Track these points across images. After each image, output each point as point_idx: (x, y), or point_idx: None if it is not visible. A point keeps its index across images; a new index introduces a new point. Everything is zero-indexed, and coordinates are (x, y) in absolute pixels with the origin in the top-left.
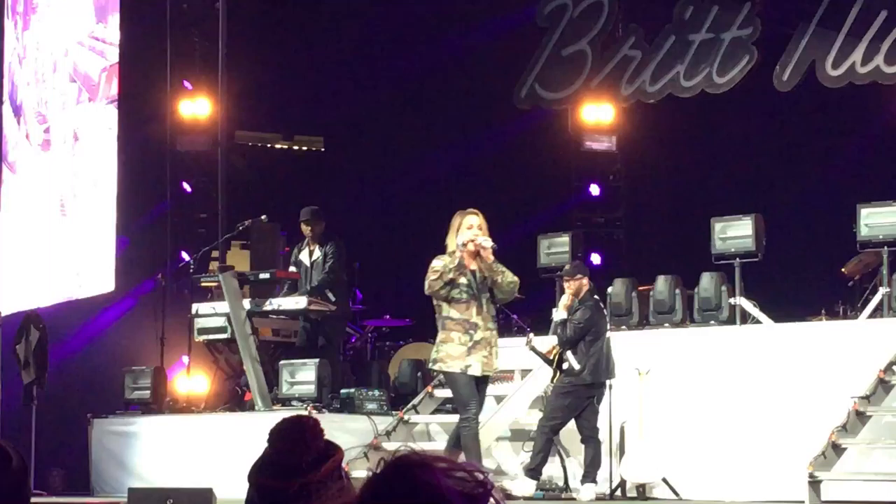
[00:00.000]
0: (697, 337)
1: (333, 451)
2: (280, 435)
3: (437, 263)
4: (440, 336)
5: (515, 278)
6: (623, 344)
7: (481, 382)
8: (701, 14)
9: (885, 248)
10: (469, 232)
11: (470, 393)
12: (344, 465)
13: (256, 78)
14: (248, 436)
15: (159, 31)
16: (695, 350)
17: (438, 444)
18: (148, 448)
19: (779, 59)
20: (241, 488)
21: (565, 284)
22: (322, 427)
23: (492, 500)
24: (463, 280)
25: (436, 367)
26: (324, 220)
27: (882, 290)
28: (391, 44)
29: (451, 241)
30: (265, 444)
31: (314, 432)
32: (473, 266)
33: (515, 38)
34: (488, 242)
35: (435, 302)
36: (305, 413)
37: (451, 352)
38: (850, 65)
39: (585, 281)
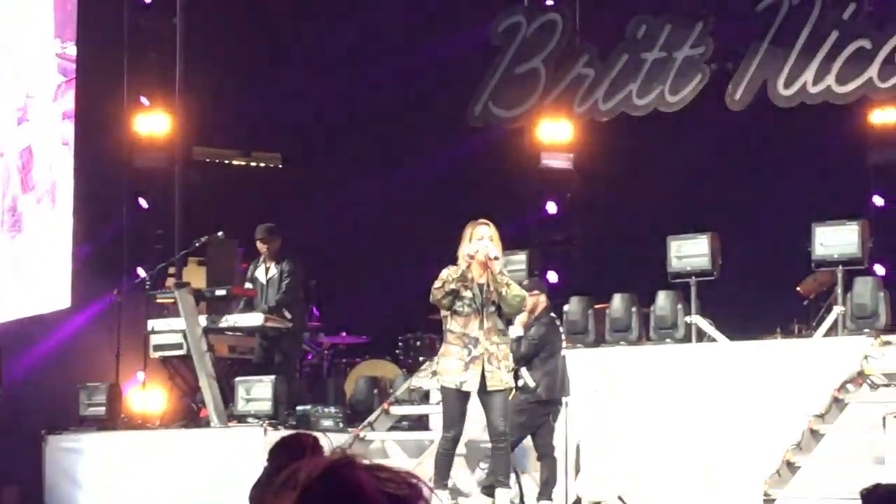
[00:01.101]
0: (653, 355)
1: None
2: (279, 452)
3: (444, 272)
4: (441, 349)
5: (522, 292)
6: (579, 362)
7: (488, 396)
8: (654, 33)
9: (840, 267)
10: (479, 243)
11: (455, 411)
12: None
13: (214, 94)
14: (203, 452)
15: (116, 47)
16: (651, 368)
17: (394, 461)
18: (102, 465)
19: (731, 79)
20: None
21: None
22: (322, 444)
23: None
24: (467, 293)
25: (434, 380)
26: (279, 237)
27: (837, 309)
28: (348, 62)
29: (461, 252)
30: (224, 459)
31: (313, 450)
32: (483, 279)
33: (472, 56)
34: (493, 252)
35: (441, 313)
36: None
37: (448, 366)
38: (802, 84)
39: (542, 298)
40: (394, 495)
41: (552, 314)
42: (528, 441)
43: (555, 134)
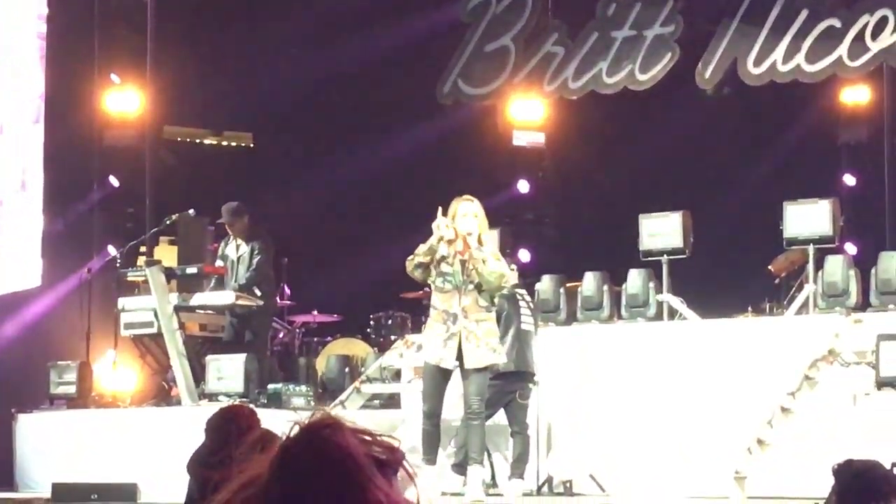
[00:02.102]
0: (625, 333)
1: (270, 440)
2: (213, 425)
3: (421, 246)
4: (426, 324)
5: (498, 268)
6: (551, 340)
7: (465, 374)
8: (624, 11)
9: (811, 245)
10: (463, 220)
11: (431, 387)
12: None
13: (185, 73)
14: (174, 431)
15: (87, 24)
16: (622, 346)
17: None
18: (73, 443)
19: (701, 57)
20: (167, 483)
21: None
22: (258, 417)
23: (402, 469)
24: (447, 269)
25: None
26: (245, 215)
27: (808, 288)
28: (320, 40)
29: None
30: (196, 438)
31: (249, 422)
32: (466, 256)
33: (442, 33)
34: (465, 228)
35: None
36: (239, 404)
37: (428, 342)
38: (772, 63)
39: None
40: (378, 459)
41: (517, 290)
42: (501, 419)
43: (526, 112)
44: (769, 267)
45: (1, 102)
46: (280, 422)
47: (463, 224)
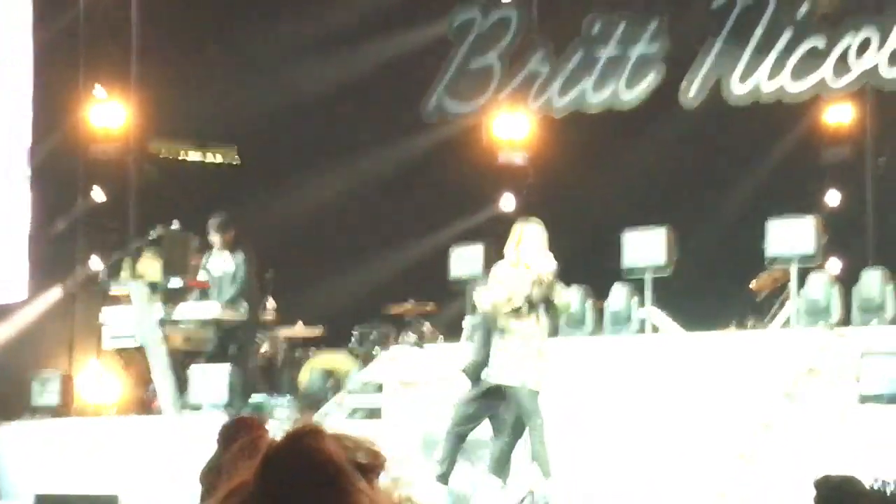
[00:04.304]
0: (608, 347)
1: (257, 447)
2: (227, 435)
3: (500, 274)
4: (498, 346)
5: (569, 301)
6: None
7: (535, 393)
8: (609, 29)
9: (794, 263)
10: (530, 244)
11: (532, 405)
12: None
13: (171, 88)
14: (156, 442)
15: (73, 38)
16: (606, 361)
17: None
18: (55, 454)
19: (685, 76)
20: (148, 493)
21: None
22: (266, 427)
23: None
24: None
25: (490, 379)
26: (233, 228)
27: (790, 305)
28: (307, 56)
29: (511, 251)
30: (178, 448)
31: (260, 432)
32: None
33: (428, 51)
34: (548, 268)
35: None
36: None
37: (507, 363)
38: (756, 83)
39: None
40: (360, 464)
41: None
42: (478, 432)
43: (511, 130)
44: (751, 286)
45: None
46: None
47: (529, 247)
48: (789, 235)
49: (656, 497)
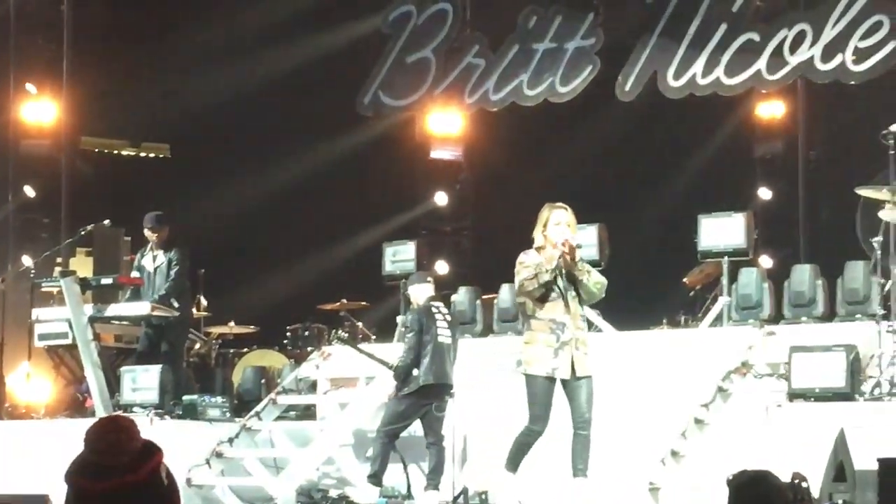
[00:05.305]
0: None
1: (153, 452)
2: (96, 436)
3: (527, 259)
4: (526, 337)
5: (602, 279)
6: (467, 352)
7: (579, 383)
8: (544, 23)
9: (725, 258)
10: (558, 229)
11: (545, 400)
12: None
13: (102, 84)
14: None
15: (3, 34)
16: None
17: (280, 450)
18: None
19: (621, 70)
20: None
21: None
22: (138, 428)
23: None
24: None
25: (520, 370)
26: (167, 225)
27: (722, 300)
28: (239, 51)
29: (538, 236)
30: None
31: (130, 433)
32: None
33: (362, 45)
34: (576, 240)
35: (518, 300)
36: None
37: (537, 354)
38: (691, 76)
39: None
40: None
41: (432, 303)
42: (417, 431)
43: (445, 125)
44: (684, 280)
45: None
46: (195, 433)
47: (556, 233)
48: (721, 230)
49: (586, 495)
